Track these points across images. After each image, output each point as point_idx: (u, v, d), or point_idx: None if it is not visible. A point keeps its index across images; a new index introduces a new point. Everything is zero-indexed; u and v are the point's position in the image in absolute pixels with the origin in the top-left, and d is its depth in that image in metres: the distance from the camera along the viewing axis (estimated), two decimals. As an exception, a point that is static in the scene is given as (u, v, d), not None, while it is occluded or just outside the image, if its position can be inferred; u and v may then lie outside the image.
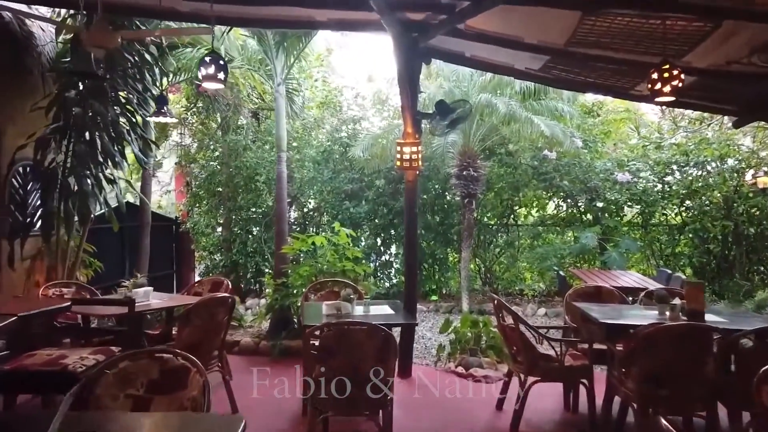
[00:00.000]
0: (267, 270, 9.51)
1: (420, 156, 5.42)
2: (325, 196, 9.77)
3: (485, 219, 9.94)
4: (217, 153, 10.18)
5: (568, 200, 9.63)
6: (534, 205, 9.96)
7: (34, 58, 6.22)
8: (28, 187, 6.29)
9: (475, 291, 9.42)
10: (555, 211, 9.97)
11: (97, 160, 5.89)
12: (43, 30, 6.22)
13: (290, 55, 6.70)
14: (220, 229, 10.30)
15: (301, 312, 4.34)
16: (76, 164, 5.65)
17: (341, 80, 10.61)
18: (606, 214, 9.26)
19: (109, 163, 5.96)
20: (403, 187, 9.51)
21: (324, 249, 6.42)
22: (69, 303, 2.76)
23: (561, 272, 7.11)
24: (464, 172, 7.92)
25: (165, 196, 12.13)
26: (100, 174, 5.92)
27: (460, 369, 5.56)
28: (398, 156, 5.43)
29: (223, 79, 3.46)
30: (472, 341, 5.85)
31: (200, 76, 3.40)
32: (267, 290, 7.56)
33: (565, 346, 4.28)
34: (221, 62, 3.43)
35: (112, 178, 6.24)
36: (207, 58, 3.36)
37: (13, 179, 6.22)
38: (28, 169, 6.22)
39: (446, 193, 9.75)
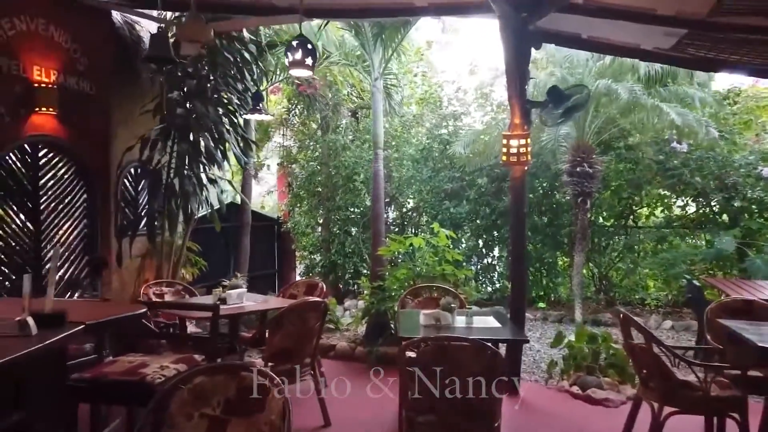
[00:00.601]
0: (365, 271, 9.31)
1: (529, 150, 4.87)
2: (424, 195, 9.39)
3: (600, 220, 9.04)
4: (317, 153, 10.16)
5: (700, 199, 8.48)
6: (658, 204, 8.89)
7: (143, 61, 6.42)
8: (139, 188, 6.51)
9: (588, 299, 8.58)
10: (683, 212, 8.84)
11: (198, 161, 5.94)
12: (150, 33, 6.38)
13: (388, 48, 6.39)
14: (319, 229, 10.28)
15: (397, 320, 3.98)
16: (179, 165, 5.71)
17: (442, 75, 10.17)
18: (746, 215, 8.03)
19: (211, 163, 5.98)
20: (508, 185, 8.94)
21: (422, 251, 6.04)
22: (144, 309, 2.62)
23: (695, 281, 6.17)
24: (577, 169, 7.17)
25: (268, 197, 12.37)
26: (202, 174, 5.96)
27: (575, 389, 4.93)
28: (504, 150, 4.91)
29: (311, 65, 3.20)
30: (590, 358, 5.18)
31: (287, 63, 3.15)
32: (365, 292, 7.32)
33: (711, 371, 3.55)
34: (309, 47, 3.16)
35: (213, 178, 6.28)
36: (294, 43, 3.11)
37: (124, 180, 6.47)
38: (139, 170, 6.44)
39: (555, 192, 9.00)
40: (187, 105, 5.84)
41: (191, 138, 5.89)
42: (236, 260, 7.26)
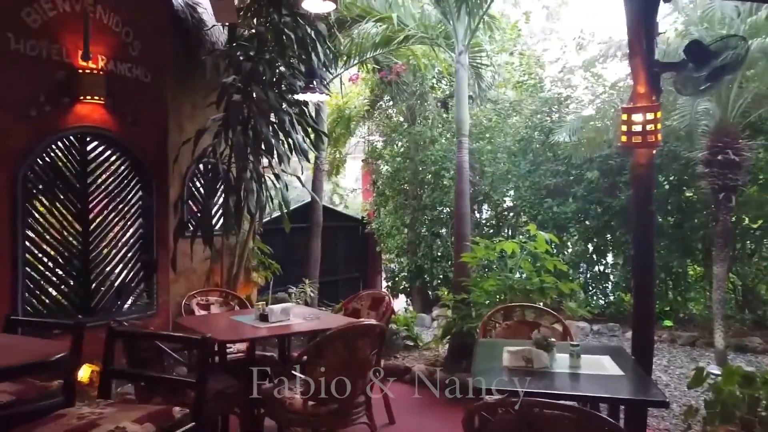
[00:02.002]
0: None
1: (658, 126, 3.64)
2: (522, 192, 8.20)
3: (745, 221, 7.34)
4: (402, 148, 9.33)
5: None
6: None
7: (206, 48, 5.91)
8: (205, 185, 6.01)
9: (729, 318, 6.95)
10: None
11: (257, 153, 5.28)
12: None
13: (474, 16, 5.36)
14: (405, 230, 9.42)
15: (474, 354, 2.98)
16: (237, 158, 5.08)
17: (543, 54, 8.87)
18: None
19: (272, 156, 5.30)
20: (624, 179, 7.53)
21: (517, 258, 4.95)
22: (63, 354, 1.88)
23: None
24: (719, 157, 5.66)
25: (351, 195, 11.73)
26: (261, 168, 5.30)
27: (725, 450, 3.63)
28: (624, 129, 3.72)
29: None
30: (745, 407, 3.83)
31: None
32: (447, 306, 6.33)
33: None
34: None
35: (276, 172, 5.61)
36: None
37: (192, 176, 6.01)
38: (209, 166, 5.94)
39: (684, 188, 7.44)
40: (244, 91, 5.18)
41: (249, 127, 5.24)
42: (305, 264, 6.56)
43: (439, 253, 9.00)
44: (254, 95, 5.15)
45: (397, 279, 9.75)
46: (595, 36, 8.34)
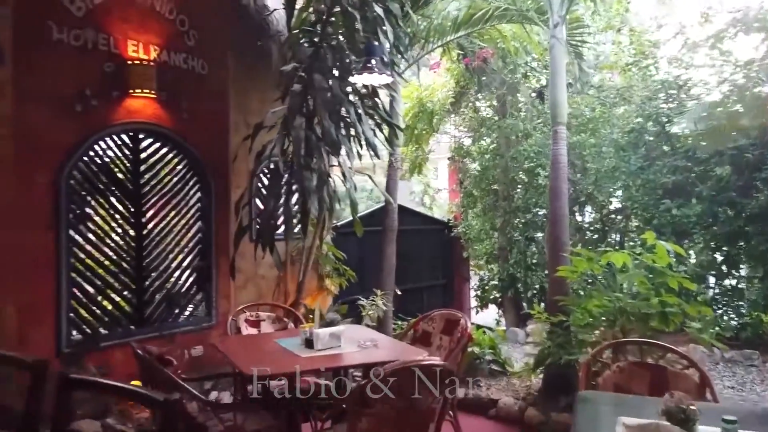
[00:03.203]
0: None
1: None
2: (633, 192, 7.03)
3: None
4: (492, 144, 8.45)
5: None
6: None
7: (271, 36, 5.45)
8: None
9: None
10: None
11: (320, 149, 4.71)
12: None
13: (574, -20, 4.43)
14: (496, 234, 8.53)
15: (573, 424, 2.14)
16: (296, 154, 4.53)
17: (658, 32, 7.58)
18: None
19: (336, 152, 4.71)
20: (764, 176, 6.17)
21: (630, 274, 3.97)
22: None
23: None
24: None
25: (437, 195, 10.96)
26: (326, 165, 4.72)
27: None
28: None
29: None
30: None
31: None
32: (541, 328, 5.42)
33: None
34: None
35: (345, 172, 5.01)
36: None
37: (260, 175, 5.59)
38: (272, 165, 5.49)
39: None
40: (305, 81, 4.63)
41: (311, 121, 4.68)
42: (379, 273, 5.91)
43: (534, 261, 8.04)
44: (314, 84, 4.58)
45: (486, 288, 8.87)
46: (723, 4, 6.96)
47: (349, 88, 4.90)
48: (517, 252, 8.12)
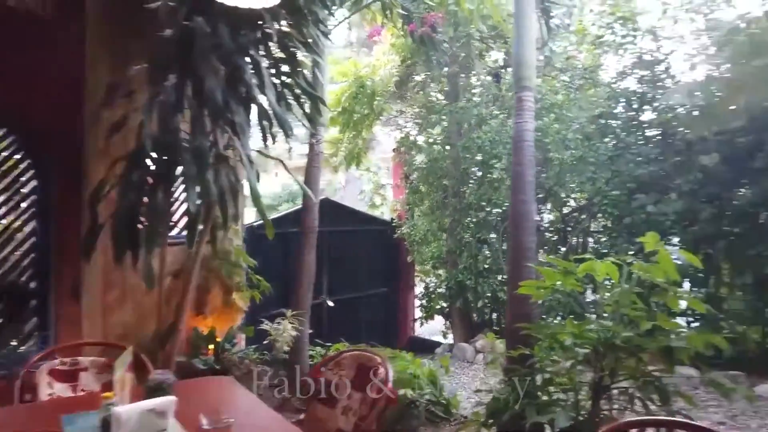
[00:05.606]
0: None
1: None
2: (602, 186, 6.03)
3: None
4: (440, 133, 7.37)
5: None
6: None
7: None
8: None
9: None
10: None
11: (202, 121, 3.43)
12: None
13: None
14: (444, 235, 7.44)
15: None
16: (160, 124, 3.24)
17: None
18: None
19: (221, 122, 3.44)
20: (759, 165, 5.23)
21: (620, 290, 2.88)
22: None
23: None
24: None
25: (382, 192, 9.78)
26: (204, 143, 3.43)
27: None
28: None
29: None
30: None
31: None
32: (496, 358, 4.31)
33: None
34: None
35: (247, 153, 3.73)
36: None
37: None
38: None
39: None
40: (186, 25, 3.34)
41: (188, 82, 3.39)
42: (292, 284, 4.65)
43: (486, 266, 6.99)
44: (195, 29, 3.29)
45: (432, 297, 7.78)
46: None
47: (251, 45, 3.64)
48: (467, 256, 7.07)
